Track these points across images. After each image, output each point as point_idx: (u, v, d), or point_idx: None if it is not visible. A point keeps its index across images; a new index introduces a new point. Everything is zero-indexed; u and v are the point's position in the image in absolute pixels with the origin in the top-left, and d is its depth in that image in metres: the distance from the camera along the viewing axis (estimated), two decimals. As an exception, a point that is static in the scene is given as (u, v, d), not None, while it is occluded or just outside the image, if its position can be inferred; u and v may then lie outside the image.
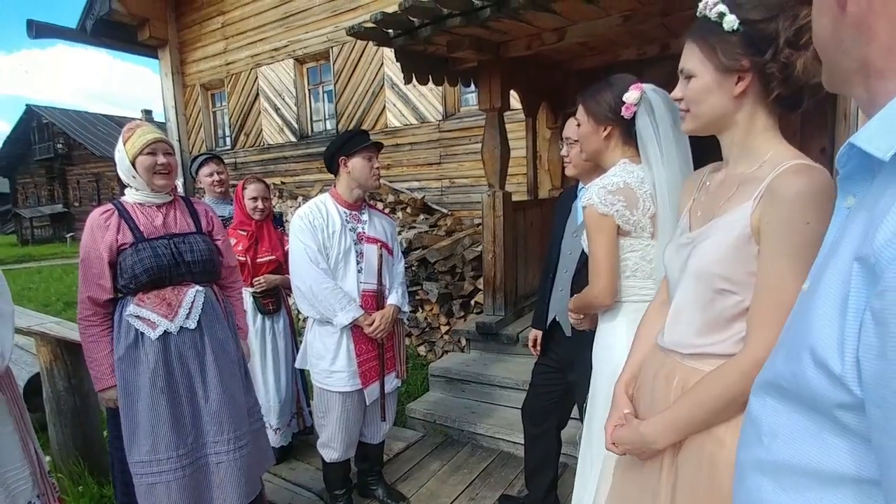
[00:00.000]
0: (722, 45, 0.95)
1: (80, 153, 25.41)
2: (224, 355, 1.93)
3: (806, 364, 0.48)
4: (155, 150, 1.80)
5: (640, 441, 1.07)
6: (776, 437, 0.54)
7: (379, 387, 2.30)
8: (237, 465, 1.90)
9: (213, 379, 1.87)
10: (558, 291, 2.00)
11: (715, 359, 1.00)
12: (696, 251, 1.03)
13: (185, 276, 1.86)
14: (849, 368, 0.43)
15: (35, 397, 2.83)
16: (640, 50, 3.89)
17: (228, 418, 1.89)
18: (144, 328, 1.79)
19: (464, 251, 4.50)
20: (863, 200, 0.51)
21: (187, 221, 1.94)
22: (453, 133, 5.73)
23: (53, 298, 8.56)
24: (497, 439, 3.02)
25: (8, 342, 1.69)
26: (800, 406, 0.51)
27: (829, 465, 0.47)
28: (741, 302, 0.96)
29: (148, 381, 1.78)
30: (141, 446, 1.78)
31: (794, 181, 0.88)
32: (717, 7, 0.95)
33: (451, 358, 3.87)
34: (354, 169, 2.19)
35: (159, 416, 1.78)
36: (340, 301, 2.13)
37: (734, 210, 0.97)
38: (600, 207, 1.46)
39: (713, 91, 0.98)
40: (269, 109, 7.42)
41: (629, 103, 1.48)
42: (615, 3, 2.83)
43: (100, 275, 1.78)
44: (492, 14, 2.85)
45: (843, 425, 0.46)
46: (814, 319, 0.49)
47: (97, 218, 1.81)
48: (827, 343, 0.46)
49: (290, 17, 6.76)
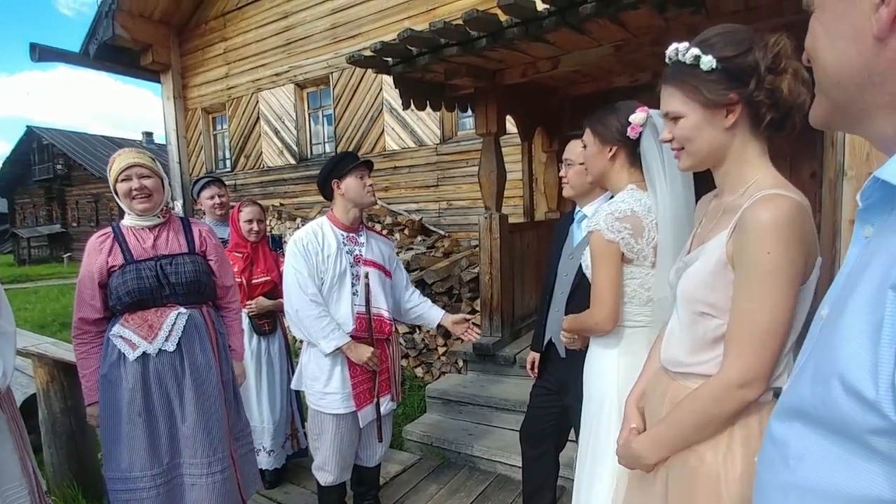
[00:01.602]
0: (704, 85, 0.99)
1: (79, 174, 25.52)
2: (203, 379, 1.92)
3: (835, 390, 0.49)
4: (129, 175, 1.83)
5: (632, 456, 1.12)
6: (803, 460, 0.54)
7: (374, 409, 2.30)
8: (211, 488, 1.90)
9: (190, 402, 1.88)
10: (554, 312, 2.02)
11: (700, 378, 1.04)
12: (684, 275, 1.07)
13: (170, 298, 1.88)
14: (883, 394, 0.44)
15: (30, 419, 2.81)
16: (633, 77, 3.99)
17: (203, 441, 1.89)
18: (125, 348, 1.83)
19: (461, 272, 4.53)
20: (884, 230, 0.52)
21: (179, 242, 1.96)
22: (450, 156, 5.81)
23: (49, 319, 8.52)
24: (494, 462, 3.01)
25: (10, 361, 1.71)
26: (828, 432, 0.51)
27: (859, 489, 0.48)
28: (721, 325, 1.00)
29: (126, 400, 1.81)
30: (118, 462, 1.81)
31: (759, 212, 0.92)
32: (691, 51, 1.00)
33: (448, 379, 3.86)
34: (348, 189, 2.23)
35: (135, 436, 1.82)
36: (323, 329, 2.15)
37: (715, 237, 1.01)
38: (607, 234, 1.48)
39: (704, 127, 1.02)
40: (269, 133, 7.52)
41: (635, 124, 1.52)
42: (607, 34, 2.92)
43: (91, 296, 1.86)
44: (487, 44, 2.94)
45: (876, 450, 0.46)
46: (841, 346, 0.49)
47: (94, 242, 1.88)
48: (858, 369, 0.46)
49: (291, 43, 6.91)
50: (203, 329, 1.95)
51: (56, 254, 25.52)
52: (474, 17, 2.74)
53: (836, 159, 2.61)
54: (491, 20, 2.81)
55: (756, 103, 0.97)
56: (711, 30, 1.01)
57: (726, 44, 0.97)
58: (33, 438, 2.58)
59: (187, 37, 8.04)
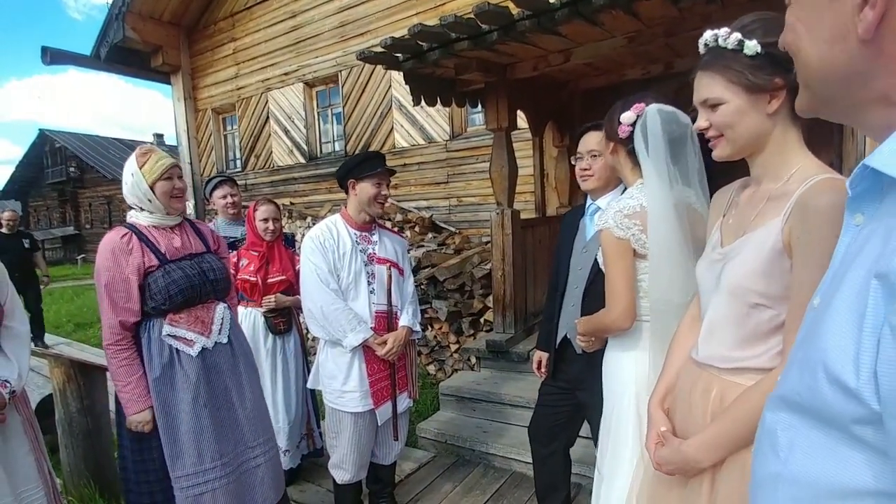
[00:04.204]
0: (749, 69, 0.97)
1: (91, 176, 25.81)
2: (251, 364, 2.07)
3: (820, 380, 0.49)
4: (171, 174, 1.85)
5: (684, 461, 1.06)
6: (793, 450, 0.54)
7: (391, 407, 2.29)
8: (272, 464, 2.04)
9: (248, 387, 2.00)
10: (569, 307, 1.99)
11: (753, 373, 1.00)
12: (728, 267, 1.04)
13: (210, 294, 1.94)
14: (864, 383, 0.44)
15: (45, 420, 2.84)
16: (645, 69, 3.94)
17: (262, 422, 2.04)
18: (182, 346, 1.84)
19: (473, 269, 4.51)
20: (874, 218, 0.51)
21: (198, 242, 2.00)
22: (461, 153, 5.78)
23: (64, 320, 8.61)
24: (509, 459, 2.99)
25: (25, 363, 1.71)
26: (815, 421, 0.51)
27: (846, 479, 0.47)
28: (777, 316, 0.97)
29: (189, 396, 1.83)
30: (185, 460, 1.82)
31: (824, 195, 0.90)
32: (734, 35, 0.98)
33: (461, 377, 3.85)
34: (361, 193, 2.21)
35: (203, 428, 1.85)
36: (350, 322, 2.14)
37: (765, 225, 0.98)
38: (616, 231, 1.46)
39: (747, 112, 1.00)
40: (278, 132, 7.54)
41: (624, 124, 1.51)
42: (619, 25, 2.88)
43: (127, 298, 1.78)
44: (499, 38, 2.91)
45: (860, 440, 0.46)
46: (828, 335, 0.49)
47: (118, 241, 1.79)
48: (841, 358, 0.46)
49: (299, 42, 6.91)
50: (235, 320, 2.08)
51: (70, 256, 25.84)
52: (485, 10, 2.70)
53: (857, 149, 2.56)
54: (502, 13, 2.77)
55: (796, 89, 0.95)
56: (747, 17, 1.00)
57: (768, 30, 0.95)
58: (50, 439, 2.62)
59: (197, 38, 8.07)
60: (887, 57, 0.48)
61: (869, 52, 0.49)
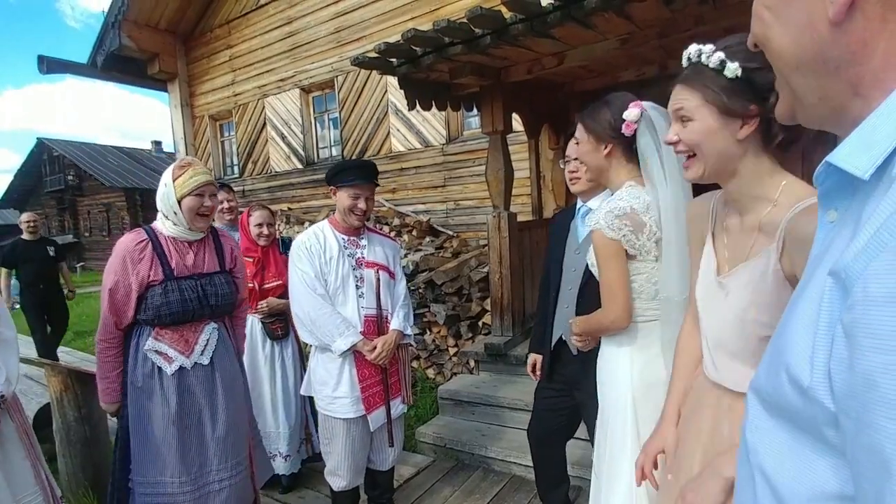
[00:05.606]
0: (726, 92, 0.97)
1: (90, 184, 25.79)
2: (233, 387, 1.99)
3: (783, 379, 0.48)
4: (203, 192, 1.85)
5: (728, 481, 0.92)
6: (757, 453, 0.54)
7: (384, 413, 2.27)
8: (235, 488, 1.99)
9: (222, 412, 1.93)
10: (563, 309, 1.99)
11: None
12: (731, 297, 1.03)
13: (205, 315, 1.92)
14: (817, 381, 0.43)
15: (44, 429, 2.83)
16: (639, 71, 3.95)
17: (232, 447, 1.97)
18: (161, 362, 1.84)
19: (470, 272, 4.51)
20: (845, 215, 0.50)
21: (214, 260, 1.99)
22: (457, 156, 5.79)
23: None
24: (509, 462, 2.98)
25: (14, 367, 1.72)
26: (780, 420, 0.51)
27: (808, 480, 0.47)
28: None
29: (161, 411, 1.83)
30: (148, 468, 1.83)
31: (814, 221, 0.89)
32: (717, 55, 0.97)
33: (459, 380, 3.84)
34: (339, 202, 2.21)
35: (168, 444, 1.83)
36: (339, 327, 2.13)
37: (760, 255, 0.98)
38: (608, 232, 1.46)
39: (716, 133, 0.99)
40: (275, 138, 7.55)
41: (630, 121, 1.48)
42: (612, 28, 2.89)
43: (125, 303, 1.82)
44: (492, 42, 2.92)
45: (823, 440, 0.45)
46: (790, 333, 0.49)
47: (131, 247, 1.81)
48: (800, 357, 0.46)
49: (295, 48, 6.94)
50: (227, 339, 2.02)
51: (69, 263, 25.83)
52: (478, 14, 2.71)
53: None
54: (495, 17, 2.78)
55: (770, 120, 0.94)
56: (735, 37, 0.98)
57: (750, 56, 0.94)
58: (48, 448, 2.61)
59: (193, 45, 8.09)
60: (857, 42, 0.47)
61: (840, 37, 0.47)
